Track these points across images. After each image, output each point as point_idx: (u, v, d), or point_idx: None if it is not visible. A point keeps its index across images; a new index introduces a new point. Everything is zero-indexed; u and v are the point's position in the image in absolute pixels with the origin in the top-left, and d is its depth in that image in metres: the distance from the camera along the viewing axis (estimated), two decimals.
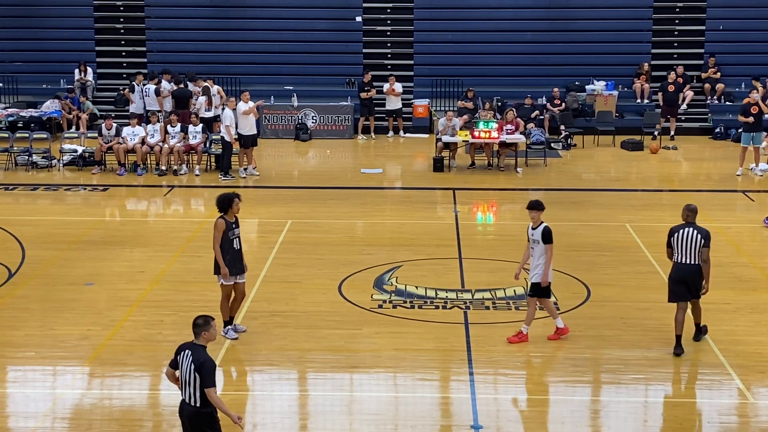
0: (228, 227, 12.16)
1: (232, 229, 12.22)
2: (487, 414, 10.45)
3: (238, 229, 12.31)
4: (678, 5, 29.45)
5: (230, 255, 12.20)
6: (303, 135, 26.99)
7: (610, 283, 14.54)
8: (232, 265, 12.24)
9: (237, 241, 12.27)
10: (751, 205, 19.89)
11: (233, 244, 12.22)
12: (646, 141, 25.73)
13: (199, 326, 8.51)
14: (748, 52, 28.57)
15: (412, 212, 19.23)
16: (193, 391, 8.30)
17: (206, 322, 8.53)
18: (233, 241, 12.21)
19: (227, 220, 12.19)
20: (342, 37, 29.60)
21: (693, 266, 11.82)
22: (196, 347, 8.45)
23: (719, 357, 11.76)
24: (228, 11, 29.84)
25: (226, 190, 12.85)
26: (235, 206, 12.20)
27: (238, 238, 12.29)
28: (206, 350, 8.46)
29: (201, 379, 8.27)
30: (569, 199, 19.91)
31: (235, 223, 12.29)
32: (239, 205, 12.28)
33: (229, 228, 12.18)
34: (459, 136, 23.14)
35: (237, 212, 12.27)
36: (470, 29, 29.32)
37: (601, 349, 12.07)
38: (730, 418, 10.46)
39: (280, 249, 16.39)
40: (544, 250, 12.02)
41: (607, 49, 29.09)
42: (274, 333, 12.63)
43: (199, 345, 8.47)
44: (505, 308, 13.54)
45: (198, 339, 8.49)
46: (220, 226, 12.13)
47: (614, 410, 10.63)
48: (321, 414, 10.65)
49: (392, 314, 13.33)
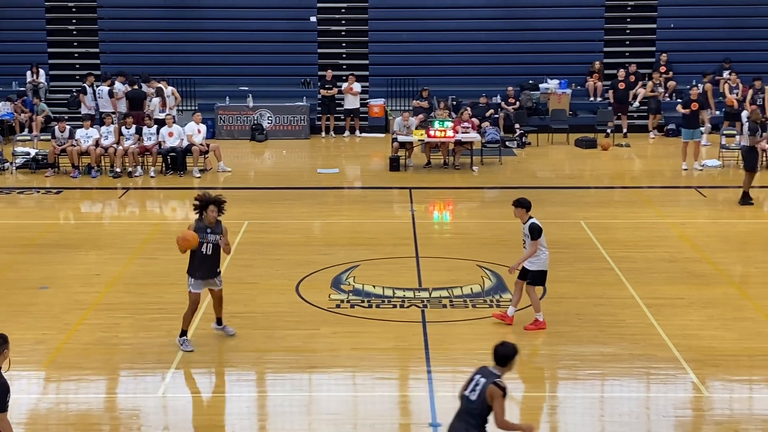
0: (198, 229, 11.80)
1: (205, 233, 11.79)
2: (446, 412, 10.46)
3: (212, 235, 11.81)
4: (629, 4, 29.81)
5: (198, 260, 11.81)
6: (259, 135, 26.91)
7: (566, 279, 14.66)
8: (198, 269, 11.84)
9: (208, 246, 11.80)
10: (703, 201, 20.16)
11: (203, 248, 11.76)
12: (600, 138, 25.98)
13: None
14: (699, 50, 28.96)
15: (369, 212, 19.26)
16: None
17: (5, 341, 7.83)
18: (203, 245, 11.76)
19: (198, 224, 11.82)
20: (297, 37, 29.56)
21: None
22: None
23: (673, 352, 11.91)
24: (182, 12, 29.65)
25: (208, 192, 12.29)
26: (211, 212, 11.77)
27: (211, 243, 11.80)
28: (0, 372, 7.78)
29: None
30: (524, 196, 20.00)
31: (211, 229, 11.84)
32: (215, 212, 11.80)
33: (200, 230, 11.79)
34: (415, 136, 23.21)
35: (212, 220, 11.80)
36: (425, 29, 29.43)
37: (558, 346, 12.18)
38: (685, 411, 10.60)
39: (236, 250, 16.30)
40: (531, 244, 12.40)
41: (561, 48, 29.36)
42: None
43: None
44: (462, 306, 13.60)
45: None
46: (190, 227, 11.81)
47: (571, 406, 10.73)
48: (280, 415, 10.64)
49: (350, 314, 13.34)
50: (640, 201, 19.98)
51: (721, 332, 12.61)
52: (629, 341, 12.29)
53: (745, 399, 10.81)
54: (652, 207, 19.38)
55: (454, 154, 23.19)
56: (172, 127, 22.85)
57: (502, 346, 8.03)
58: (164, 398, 10.82)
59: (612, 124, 26.72)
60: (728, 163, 23.26)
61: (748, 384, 11.16)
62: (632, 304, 13.58)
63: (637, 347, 12.11)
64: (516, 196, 13.25)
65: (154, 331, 12.63)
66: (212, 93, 27.90)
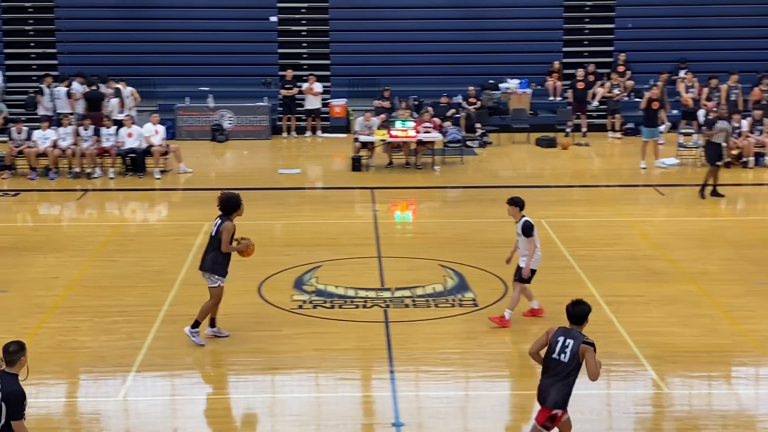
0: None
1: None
2: (409, 411, 10.52)
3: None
4: (588, 4, 30.04)
5: (228, 257, 12.06)
6: (219, 136, 26.77)
7: None
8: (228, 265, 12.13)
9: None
10: (661, 199, 20.36)
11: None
12: (560, 138, 26.16)
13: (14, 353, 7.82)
14: (656, 50, 29.25)
15: (331, 212, 19.24)
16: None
17: (22, 348, 7.86)
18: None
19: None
20: (257, 37, 29.44)
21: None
22: (6, 375, 7.78)
23: (633, 349, 12.03)
24: (141, 11, 29.40)
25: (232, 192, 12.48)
26: (242, 209, 12.04)
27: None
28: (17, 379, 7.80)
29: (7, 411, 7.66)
30: (486, 196, 20.13)
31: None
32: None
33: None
34: (376, 136, 23.22)
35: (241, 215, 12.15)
36: (386, 29, 29.43)
37: (520, 344, 12.24)
38: (645, 408, 10.71)
39: (197, 251, 16.19)
40: (527, 242, 12.53)
41: (520, 48, 29.50)
42: None
43: (11, 373, 7.80)
44: (424, 306, 13.63)
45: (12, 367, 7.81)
46: (231, 229, 11.92)
47: (533, 403, 10.75)
48: (242, 417, 10.60)
49: (313, 314, 13.32)
50: (599, 200, 20.15)
51: (680, 329, 12.75)
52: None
53: (704, 395, 10.93)
54: (611, 205, 19.54)
55: (416, 154, 23.23)
56: (131, 128, 22.68)
57: (575, 306, 8.77)
58: (125, 402, 10.74)
59: (571, 124, 26.92)
60: (686, 162, 23.52)
61: (707, 380, 11.30)
62: (592, 301, 13.52)
63: (598, 344, 12.09)
64: (478, 195, 13.33)
65: (114, 334, 12.53)
66: (172, 93, 27.70)
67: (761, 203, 20.34)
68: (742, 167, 22.87)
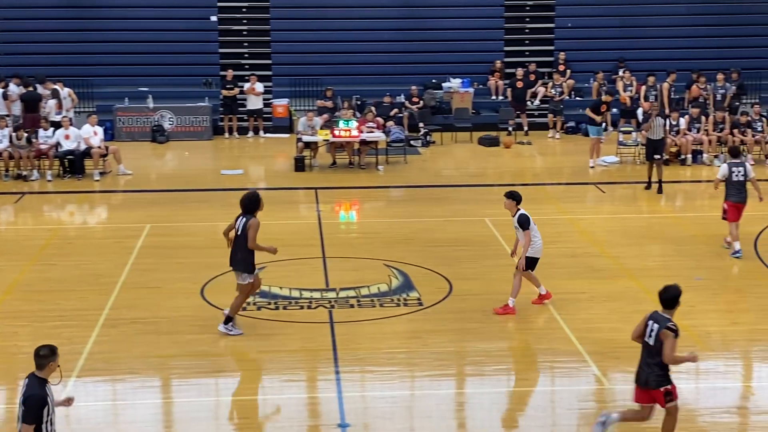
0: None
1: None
2: (354, 412, 10.49)
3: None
4: (528, 4, 30.27)
5: (254, 254, 12.28)
6: (160, 137, 26.48)
7: (472, 276, 14.82)
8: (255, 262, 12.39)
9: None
10: (603, 197, 20.60)
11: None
12: (502, 137, 26.32)
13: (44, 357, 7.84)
14: (595, 49, 29.58)
15: (275, 213, 19.09)
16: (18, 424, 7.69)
17: (52, 353, 7.86)
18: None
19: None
20: (197, 36, 29.17)
21: None
22: (34, 378, 7.80)
23: (576, 345, 12.14)
24: (79, 11, 28.94)
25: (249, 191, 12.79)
26: (262, 205, 12.40)
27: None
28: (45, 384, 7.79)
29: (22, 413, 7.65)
30: (430, 195, 20.20)
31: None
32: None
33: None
34: (319, 136, 23.16)
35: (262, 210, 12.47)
36: (328, 28, 29.37)
37: (465, 342, 12.29)
38: (588, 404, 10.81)
39: (139, 254, 16.04)
40: (524, 234, 12.98)
41: (462, 47, 29.64)
42: (135, 340, 12.35)
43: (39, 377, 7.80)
44: (369, 306, 13.61)
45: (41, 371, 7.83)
46: (256, 225, 12.19)
47: (478, 401, 10.84)
48: (186, 421, 10.48)
49: (257, 316, 13.23)
50: (541, 198, 20.30)
51: (621, 325, 12.85)
52: (534, 336, 12.48)
53: None
54: (553, 203, 19.71)
55: (360, 154, 23.22)
56: (68, 130, 22.32)
57: (666, 291, 9.13)
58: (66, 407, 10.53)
59: (513, 123, 27.10)
60: (626, 160, 23.82)
61: None
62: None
63: (542, 341, 12.32)
64: (422, 194, 13.38)
65: (54, 339, 12.21)
66: (111, 94, 27.34)
67: (698, 200, 20.68)
68: (680, 164, 23.24)
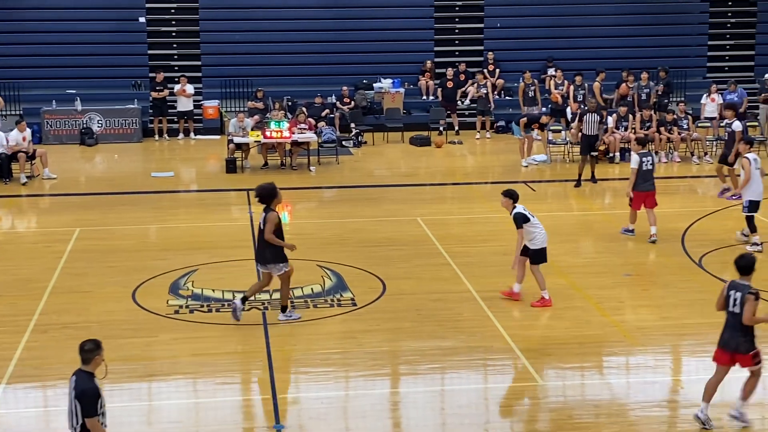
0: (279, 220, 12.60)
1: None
2: (289, 413, 10.49)
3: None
4: (457, 4, 30.51)
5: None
6: (89, 140, 26.12)
7: (405, 276, 14.88)
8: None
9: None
10: (533, 195, 20.83)
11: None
12: (433, 136, 26.48)
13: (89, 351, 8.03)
14: (524, 49, 29.92)
15: (207, 215, 19.01)
16: (75, 421, 7.90)
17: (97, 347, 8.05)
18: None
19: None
20: (125, 38, 28.82)
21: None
22: (81, 373, 8.02)
23: (509, 342, 12.27)
24: (3, 13, 28.39)
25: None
26: (280, 196, 12.78)
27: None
28: (93, 377, 7.99)
29: (81, 408, 7.86)
30: (362, 195, 20.24)
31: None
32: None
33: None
34: (251, 137, 23.06)
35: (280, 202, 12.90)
36: (257, 29, 29.27)
37: (398, 342, 12.35)
38: (521, 400, 10.95)
39: (68, 258, 15.81)
40: (523, 231, 13.34)
41: (393, 48, 29.76)
42: (65, 346, 12.12)
43: (86, 371, 8.02)
44: (303, 306, 13.61)
45: (87, 365, 8.04)
46: (274, 219, 12.54)
47: (413, 400, 10.90)
48: (118, 426, 10.34)
49: (190, 319, 13.14)
50: (473, 197, 20.49)
51: (553, 321, 13.08)
52: (467, 334, 12.59)
53: (577, 386, 11.22)
54: (485, 202, 19.89)
55: (291, 155, 23.17)
56: None
57: (742, 258, 9.74)
58: None
59: (444, 122, 27.29)
60: (555, 158, 24.14)
61: (580, 371, 11.61)
62: (469, 297, 13.92)
63: (475, 339, 12.43)
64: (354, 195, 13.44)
65: None
66: (37, 97, 26.88)
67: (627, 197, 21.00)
68: (609, 162, 23.63)
